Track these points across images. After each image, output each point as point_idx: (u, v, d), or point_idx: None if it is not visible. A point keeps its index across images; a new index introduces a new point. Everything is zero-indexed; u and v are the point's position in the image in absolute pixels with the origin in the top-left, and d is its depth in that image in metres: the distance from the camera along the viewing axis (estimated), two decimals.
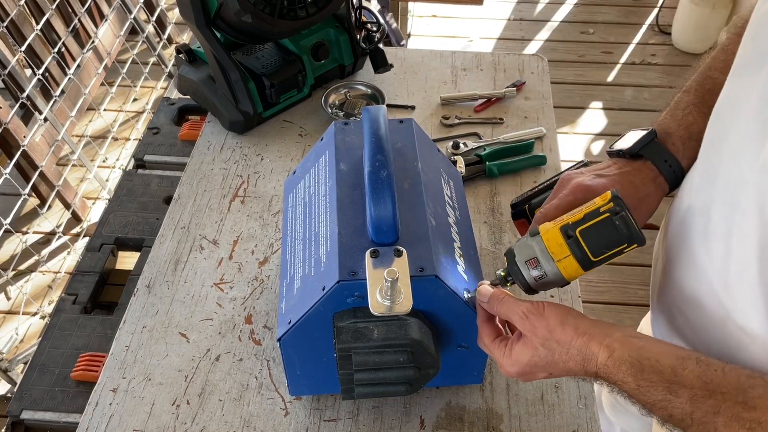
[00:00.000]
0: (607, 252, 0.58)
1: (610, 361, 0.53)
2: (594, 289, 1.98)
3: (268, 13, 1.01)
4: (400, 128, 0.78)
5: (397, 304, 0.59)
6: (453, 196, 0.77)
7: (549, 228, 0.60)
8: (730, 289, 0.55)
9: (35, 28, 1.94)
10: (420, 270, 0.62)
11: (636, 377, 0.51)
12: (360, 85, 1.18)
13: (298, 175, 0.82)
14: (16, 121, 1.85)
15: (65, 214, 2.09)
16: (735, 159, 0.54)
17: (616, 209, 0.58)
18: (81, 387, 1.08)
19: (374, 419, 0.76)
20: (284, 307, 0.69)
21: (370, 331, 0.63)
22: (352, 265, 0.63)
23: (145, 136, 1.52)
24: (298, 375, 0.73)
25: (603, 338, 0.54)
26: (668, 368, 0.50)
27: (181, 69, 1.15)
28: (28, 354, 1.65)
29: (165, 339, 0.84)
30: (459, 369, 0.74)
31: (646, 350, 0.52)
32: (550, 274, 0.60)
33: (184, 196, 1.02)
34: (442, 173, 0.78)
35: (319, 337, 0.67)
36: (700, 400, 0.49)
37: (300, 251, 0.72)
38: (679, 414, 0.50)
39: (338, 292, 0.62)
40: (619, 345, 0.53)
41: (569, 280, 0.60)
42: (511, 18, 3.06)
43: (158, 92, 2.52)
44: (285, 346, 0.68)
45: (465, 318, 0.66)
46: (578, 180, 0.67)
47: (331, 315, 0.65)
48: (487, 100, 1.17)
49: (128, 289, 1.23)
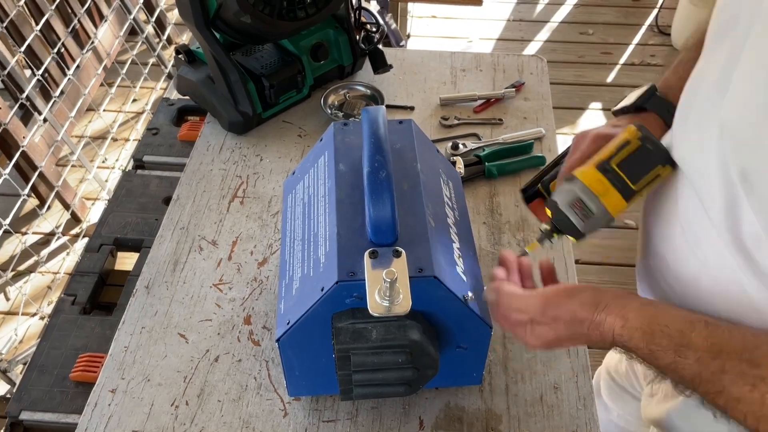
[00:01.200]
0: (645, 177, 0.61)
1: (624, 330, 0.56)
2: None
3: (268, 14, 1.01)
4: (400, 129, 0.78)
5: (395, 304, 0.59)
6: (452, 196, 0.77)
7: (584, 169, 0.63)
8: (700, 244, 0.58)
9: (35, 28, 1.94)
10: (419, 271, 0.62)
11: (648, 343, 0.54)
12: (359, 86, 1.18)
13: (297, 176, 0.82)
14: (15, 122, 1.85)
15: (64, 215, 2.09)
16: (699, 124, 0.57)
17: (645, 135, 0.61)
18: (80, 388, 1.08)
19: (373, 420, 0.76)
20: (283, 307, 0.69)
21: (369, 331, 0.63)
22: (351, 265, 0.63)
23: (144, 137, 1.52)
24: (297, 375, 0.73)
25: (620, 309, 0.57)
26: (677, 332, 0.53)
27: (181, 70, 1.15)
28: (27, 355, 1.65)
29: (164, 340, 0.84)
30: (458, 370, 0.74)
31: (658, 317, 0.55)
32: (596, 211, 0.62)
33: (183, 196, 1.02)
34: (441, 174, 0.78)
35: (317, 337, 0.66)
36: (707, 361, 0.51)
37: (299, 252, 0.72)
38: (689, 375, 0.52)
39: (337, 292, 0.62)
40: (633, 314, 0.56)
41: (615, 215, 0.63)
42: (511, 19, 3.06)
43: (158, 93, 2.52)
44: (284, 346, 0.68)
45: (464, 319, 0.66)
46: (596, 131, 0.70)
47: (330, 316, 0.65)
48: (486, 101, 1.17)
49: (127, 289, 1.23)
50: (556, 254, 0.93)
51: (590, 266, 1.97)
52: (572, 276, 0.91)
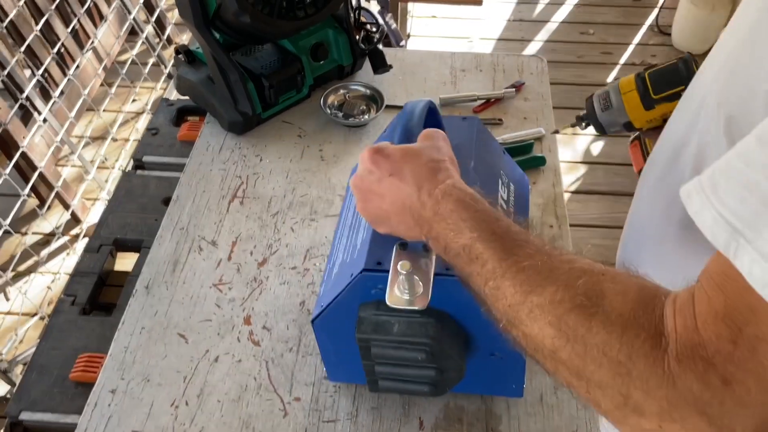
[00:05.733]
0: (668, 90, 0.67)
1: (440, 191, 0.54)
2: None
3: (267, 14, 1.01)
4: (462, 125, 0.76)
5: (414, 298, 0.59)
6: (510, 200, 0.75)
7: (628, 75, 0.72)
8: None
9: (35, 28, 1.94)
10: (447, 269, 0.60)
11: (458, 212, 0.53)
12: (359, 86, 1.18)
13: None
14: (15, 122, 1.85)
15: (64, 215, 2.08)
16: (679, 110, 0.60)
17: (686, 59, 0.68)
18: (80, 388, 1.08)
19: (373, 420, 0.76)
20: (323, 290, 0.70)
21: (391, 324, 0.62)
22: (381, 255, 0.62)
23: (144, 137, 1.52)
24: (333, 361, 0.74)
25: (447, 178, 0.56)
26: (487, 217, 0.52)
27: (180, 70, 1.15)
28: (27, 355, 1.65)
29: (164, 340, 0.84)
30: (495, 378, 0.72)
31: (481, 202, 0.54)
32: (615, 105, 0.70)
33: (182, 197, 1.02)
34: (501, 176, 0.75)
35: (348, 324, 0.66)
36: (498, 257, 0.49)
37: (345, 237, 0.72)
38: (479, 269, 0.50)
39: (362, 282, 0.62)
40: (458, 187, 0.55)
41: (632, 119, 0.70)
42: (511, 19, 3.06)
43: (157, 93, 2.52)
44: (317, 328, 0.69)
45: (494, 325, 0.64)
46: None
47: (357, 304, 0.64)
48: (486, 101, 1.17)
49: (127, 290, 1.22)
50: None
51: None
52: None
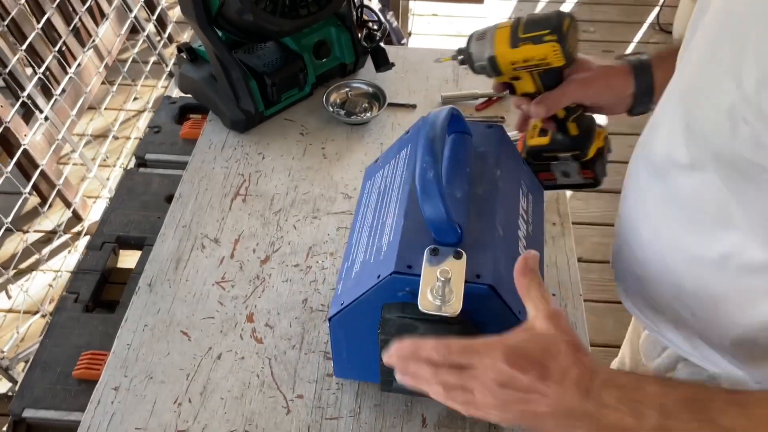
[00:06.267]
0: (533, 32, 0.71)
1: (598, 385, 0.51)
2: (596, 288, 1.98)
3: (270, 12, 1.01)
4: (487, 133, 0.76)
5: (446, 305, 0.58)
6: (529, 210, 0.75)
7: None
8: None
9: (36, 26, 1.94)
10: (476, 276, 0.60)
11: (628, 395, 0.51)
12: (361, 84, 1.18)
13: (379, 164, 0.82)
14: (16, 120, 1.85)
15: (66, 213, 2.09)
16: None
17: (564, 13, 0.72)
18: (83, 385, 1.08)
19: (376, 417, 0.76)
20: (340, 288, 0.70)
21: (415, 328, 0.62)
22: (409, 258, 0.62)
23: (146, 135, 1.52)
24: (344, 358, 0.74)
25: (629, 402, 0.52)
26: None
27: (182, 68, 1.15)
28: (30, 352, 1.65)
29: (166, 337, 0.84)
30: None
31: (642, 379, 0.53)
32: (488, 35, 0.74)
33: (185, 194, 1.02)
34: (522, 185, 0.76)
35: (366, 324, 0.66)
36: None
37: (365, 237, 0.72)
38: None
39: (390, 283, 0.62)
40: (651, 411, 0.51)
41: (497, 53, 0.74)
42: (512, 17, 3.05)
43: (159, 91, 2.52)
44: (334, 326, 0.69)
45: None
46: None
47: (381, 305, 0.64)
48: (488, 99, 1.17)
49: (130, 287, 1.22)
50: (559, 252, 0.93)
51: (593, 264, 1.97)
52: (574, 274, 0.91)
